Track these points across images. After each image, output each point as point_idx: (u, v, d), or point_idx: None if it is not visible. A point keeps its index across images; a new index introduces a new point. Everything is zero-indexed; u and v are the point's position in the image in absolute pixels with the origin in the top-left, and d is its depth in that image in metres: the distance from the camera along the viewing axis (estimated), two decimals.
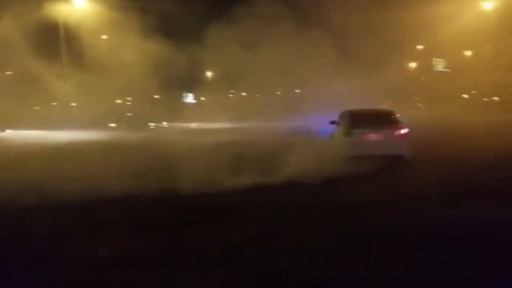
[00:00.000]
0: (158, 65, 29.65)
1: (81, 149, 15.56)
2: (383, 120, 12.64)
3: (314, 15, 28.29)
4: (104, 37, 29.49)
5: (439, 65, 40.08)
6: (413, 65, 40.21)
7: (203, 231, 5.92)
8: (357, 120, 12.55)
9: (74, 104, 30.46)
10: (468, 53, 36.95)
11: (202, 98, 40.27)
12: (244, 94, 36.97)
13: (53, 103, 29.36)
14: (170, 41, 30.30)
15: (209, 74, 39.27)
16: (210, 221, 6.42)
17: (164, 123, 30.14)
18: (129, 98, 36.00)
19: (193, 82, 36.72)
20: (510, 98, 30.29)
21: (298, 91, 32.08)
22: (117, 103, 34.51)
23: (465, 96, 37.93)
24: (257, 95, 34.91)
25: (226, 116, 30.77)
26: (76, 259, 4.93)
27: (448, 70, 37.66)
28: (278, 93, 33.23)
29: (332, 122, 13.95)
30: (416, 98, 33.44)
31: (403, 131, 12.16)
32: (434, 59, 39.73)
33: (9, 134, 24.39)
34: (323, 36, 27.44)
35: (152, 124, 29.36)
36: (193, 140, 17.49)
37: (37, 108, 28.08)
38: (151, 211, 7.14)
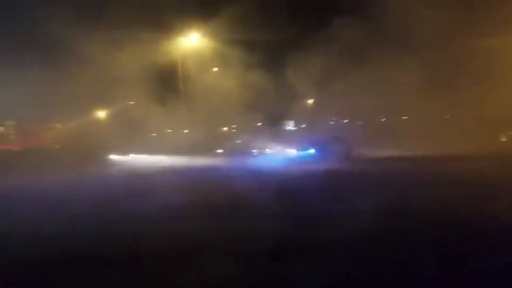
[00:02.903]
0: (262, 94, 30.98)
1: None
2: None
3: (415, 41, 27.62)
4: (215, 69, 31.67)
5: None
6: None
7: None
8: None
9: (186, 131, 32.89)
10: None
11: (303, 125, 40.69)
12: (346, 120, 36.81)
13: (168, 130, 32.02)
14: (273, 71, 31.60)
15: (309, 101, 39.77)
16: None
17: (267, 150, 30.95)
18: (234, 126, 37.84)
19: (294, 109, 37.48)
20: None
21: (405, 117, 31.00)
22: (224, 130, 36.47)
23: None
24: (359, 122, 34.53)
25: None
26: None
27: None
28: (383, 119, 32.43)
29: None
30: None
31: None
32: None
33: (132, 158, 27.04)
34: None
35: (255, 150, 30.32)
36: None
37: (154, 134, 30.81)
38: None
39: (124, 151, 27.88)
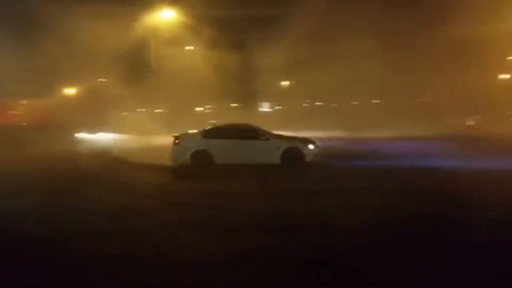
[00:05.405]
0: (236, 75, 30.74)
1: None
2: None
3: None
4: (189, 47, 31.14)
5: None
6: (505, 77, 37.07)
7: None
8: None
9: (160, 110, 32.45)
10: None
11: (278, 107, 40.76)
12: (319, 103, 36.98)
13: (140, 110, 31.51)
14: (246, 51, 31.32)
15: (285, 83, 39.78)
16: None
17: None
18: (209, 106, 37.56)
19: (269, 91, 37.37)
20: None
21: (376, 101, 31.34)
22: (197, 110, 36.13)
23: None
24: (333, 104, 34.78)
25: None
26: None
27: None
28: (355, 102, 32.69)
29: None
30: (507, 113, 30.94)
31: None
32: None
33: (99, 136, 26.71)
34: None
35: None
36: None
37: (125, 113, 30.25)
38: None
39: (92, 129, 27.43)
